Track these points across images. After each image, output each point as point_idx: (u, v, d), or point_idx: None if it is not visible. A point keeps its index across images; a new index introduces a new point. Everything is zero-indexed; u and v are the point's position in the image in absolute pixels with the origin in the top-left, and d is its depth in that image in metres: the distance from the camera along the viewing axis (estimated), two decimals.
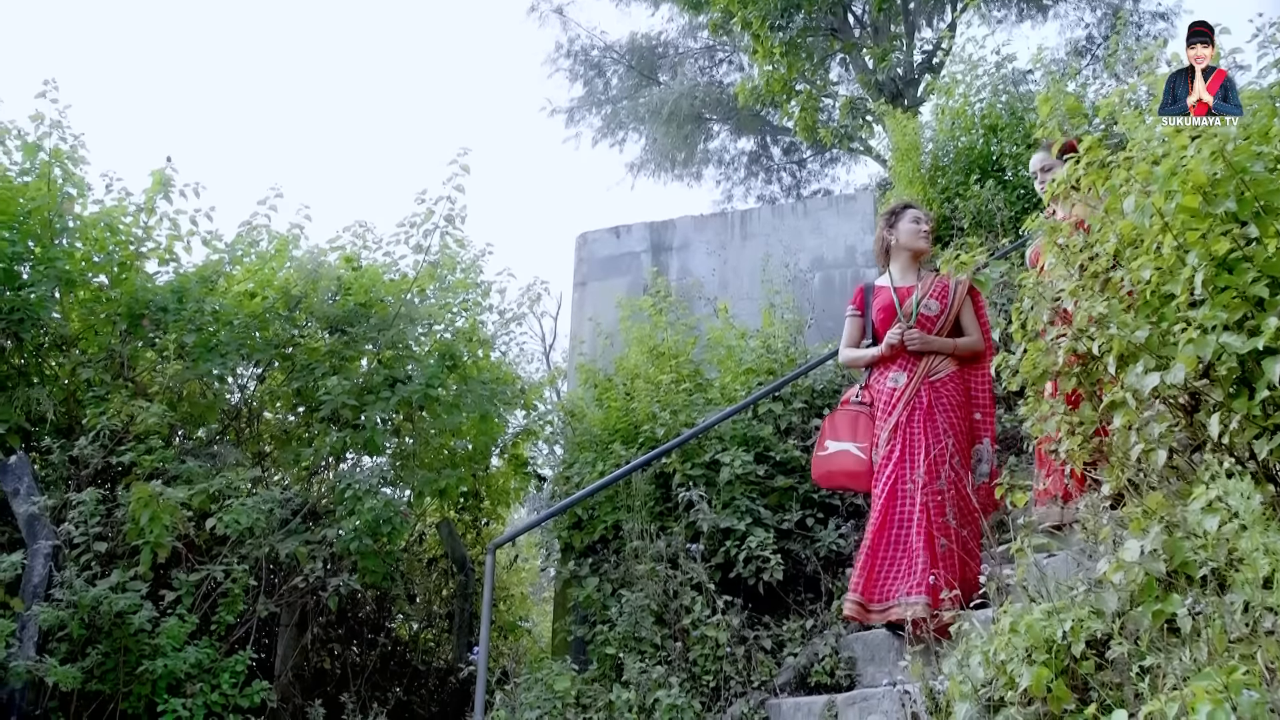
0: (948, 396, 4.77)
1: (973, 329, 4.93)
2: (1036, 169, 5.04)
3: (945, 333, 4.87)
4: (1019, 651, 2.77)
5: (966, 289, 4.93)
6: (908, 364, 4.86)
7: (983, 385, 4.88)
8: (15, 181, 6.16)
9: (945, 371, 4.82)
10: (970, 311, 4.95)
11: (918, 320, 4.87)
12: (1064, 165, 4.73)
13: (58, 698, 4.97)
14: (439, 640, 7.12)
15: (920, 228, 5.06)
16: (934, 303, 4.91)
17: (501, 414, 7.15)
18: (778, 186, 20.83)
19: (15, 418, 5.76)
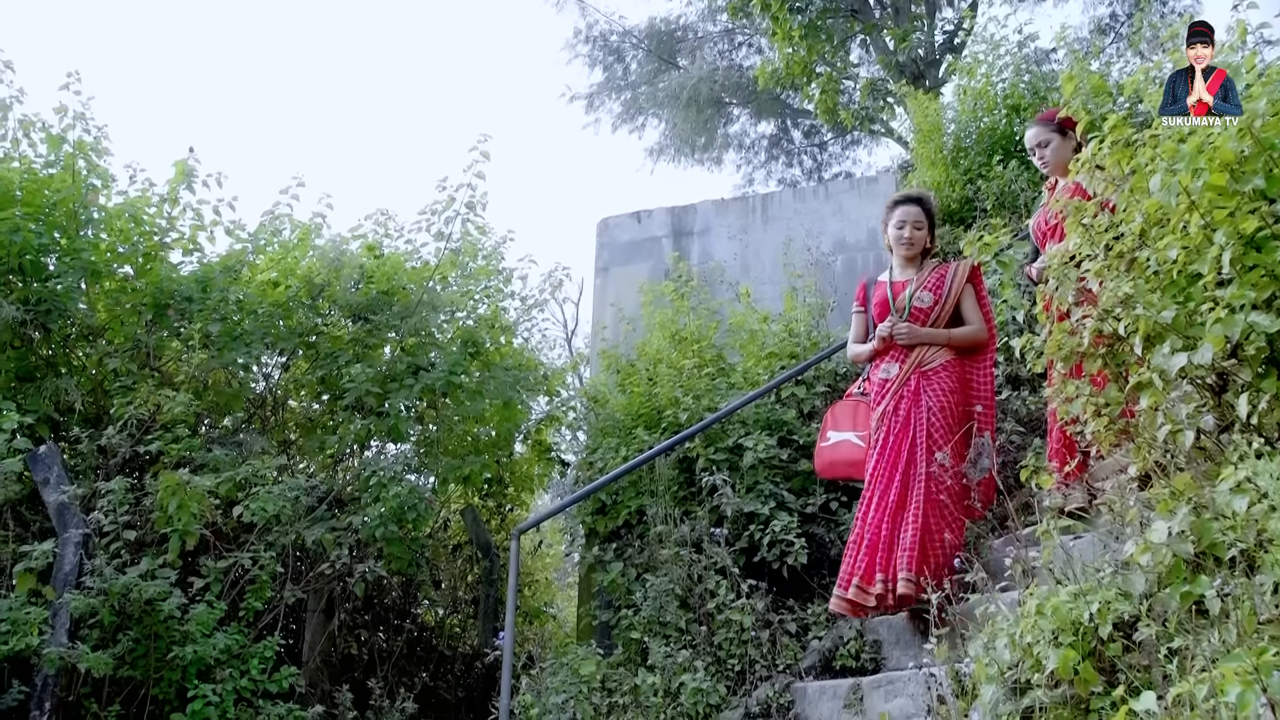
0: (938, 383, 4.75)
1: (974, 318, 4.89)
2: (1033, 144, 4.97)
3: (942, 323, 4.85)
4: (1045, 634, 2.76)
5: (965, 278, 4.90)
6: (900, 355, 4.87)
7: (983, 377, 4.87)
8: (41, 173, 6.20)
9: (939, 361, 4.80)
10: (972, 300, 4.92)
11: (911, 313, 4.87)
12: (1060, 138, 4.74)
13: (90, 684, 5.02)
14: (464, 626, 7.15)
15: (902, 233, 5.00)
16: (927, 295, 4.89)
17: (524, 400, 7.17)
18: (799, 170, 20.74)
19: (44, 408, 5.81)
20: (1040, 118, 4.95)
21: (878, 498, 4.69)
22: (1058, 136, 4.80)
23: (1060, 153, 4.80)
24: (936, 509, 4.52)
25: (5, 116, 6.20)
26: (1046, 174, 4.95)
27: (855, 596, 4.56)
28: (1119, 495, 3.30)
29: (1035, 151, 4.91)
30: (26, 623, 4.76)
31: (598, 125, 20.31)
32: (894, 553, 4.50)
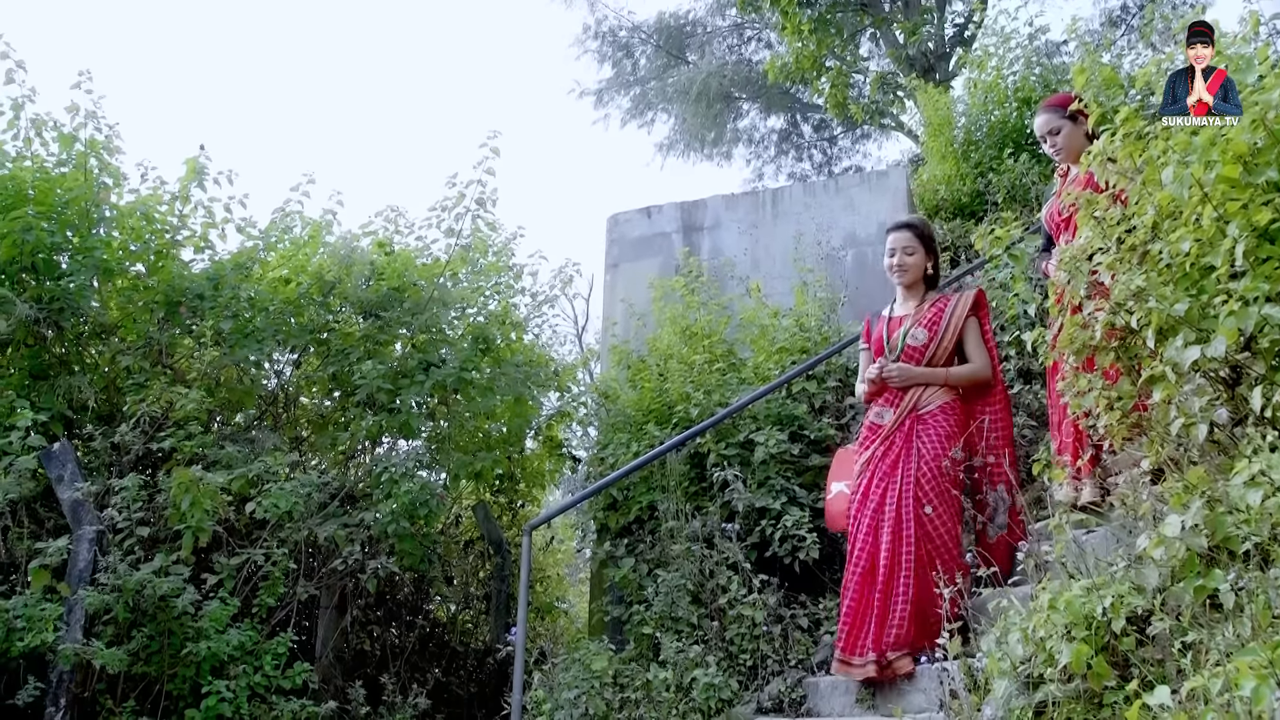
0: (934, 428, 4.43)
1: (976, 356, 4.58)
2: (1043, 131, 4.83)
3: (941, 362, 4.56)
4: (1058, 628, 2.75)
5: (965, 313, 4.61)
6: (895, 398, 4.59)
7: (996, 422, 4.54)
8: (53, 172, 6.22)
9: (936, 404, 4.50)
10: (976, 336, 4.61)
11: (904, 352, 4.59)
12: (1071, 124, 4.64)
13: (105, 680, 5.05)
14: (476, 621, 7.17)
15: (892, 261, 4.75)
16: (921, 332, 4.59)
17: (535, 396, 7.17)
18: (809, 164, 20.72)
19: (58, 405, 5.84)
20: (1048, 103, 4.84)
21: (859, 553, 4.38)
22: (1068, 123, 4.69)
23: (1072, 139, 4.70)
24: (928, 572, 4.16)
25: (18, 116, 6.22)
26: (1058, 161, 4.84)
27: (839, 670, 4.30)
28: (1132, 489, 3.29)
29: (1046, 139, 4.80)
30: (42, 619, 4.79)
31: (607, 121, 20.35)
32: (885, 626, 4.17)
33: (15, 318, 5.69)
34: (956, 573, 4.01)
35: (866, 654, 4.16)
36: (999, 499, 4.40)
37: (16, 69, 6.16)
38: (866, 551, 4.35)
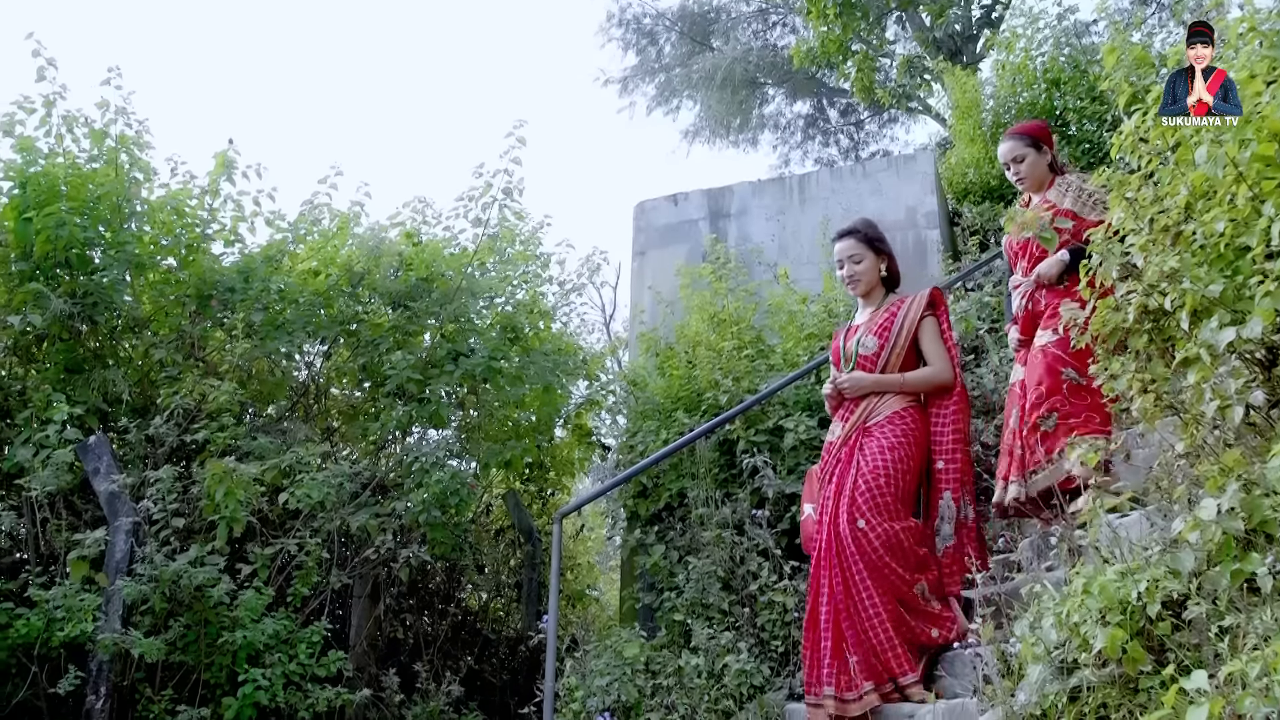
0: (878, 439, 4.20)
1: (935, 357, 4.35)
2: (1006, 159, 4.75)
3: (895, 368, 4.35)
4: (1092, 613, 2.73)
5: (920, 313, 4.38)
6: (847, 412, 4.38)
7: (946, 424, 4.31)
8: (84, 168, 6.28)
9: (886, 412, 4.27)
10: (933, 335, 4.39)
11: (856, 361, 4.42)
12: (1035, 153, 4.63)
13: (144, 669, 5.11)
14: (508, 610, 7.21)
15: (841, 272, 4.57)
16: (872, 340, 4.39)
17: (564, 385, 7.19)
18: (835, 149, 20.62)
19: (93, 399, 5.90)
20: (1013, 131, 4.80)
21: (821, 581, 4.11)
22: (1033, 151, 4.68)
23: (1035, 168, 4.69)
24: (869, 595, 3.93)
25: (49, 113, 6.28)
26: (1021, 190, 4.82)
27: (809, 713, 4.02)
28: (1166, 473, 3.27)
29: (1010, 166, 4.76)
30: (81, 609, 4.86)
31: (632, 109, 20.32)
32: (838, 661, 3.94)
33: (50, 312, 5.76)
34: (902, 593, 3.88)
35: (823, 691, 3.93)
36: (945, 508, 4.16)
37: (48, 66, 6.21)
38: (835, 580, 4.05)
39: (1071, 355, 4.23)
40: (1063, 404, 4.19)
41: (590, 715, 4.81)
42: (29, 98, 6.24)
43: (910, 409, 4.28)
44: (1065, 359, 4.24)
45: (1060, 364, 4.25)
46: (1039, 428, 4.23)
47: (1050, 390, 4.23)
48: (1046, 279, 4.47)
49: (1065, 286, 4.42)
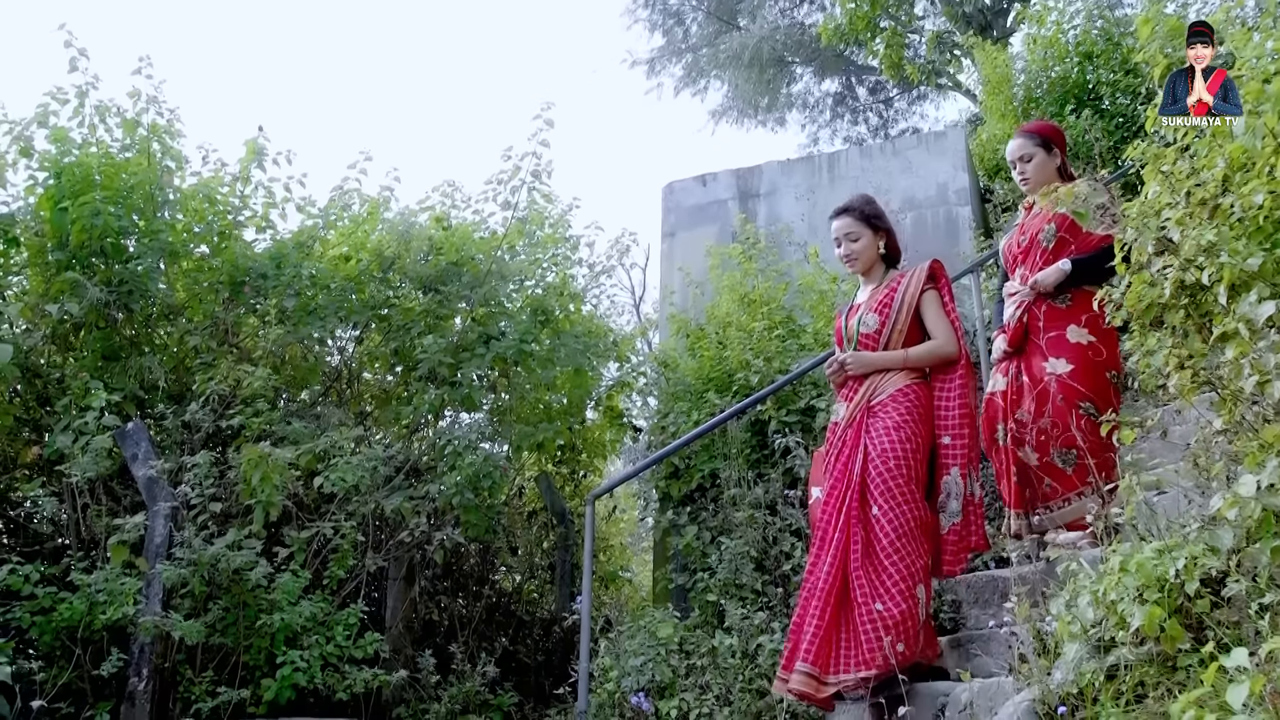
0: (884, 419, 4.03)
1: (939, 330, 4.17)
2: (1013, 157, 4.58)
3: (897, 345, 4.17)
4: (1130, 591, 2.71)
5: (920, 286, 4.20)
6: (851, 391, 4.21)
7: (951, 399, 4.13)
8: (117, 157, 6.34)
9: (890, 390, 4.09)
10: (936, 308, 4.20)
11: (859, 342, 4.26)
12: (1044, 153, 4.48)
13: (184, 651, 5.18)
14: (541, 591, 7.25)
15: (839, 251, 4.40)
16: (872, 317, 4.22)
17: (595, 367, 7.20)
18: (864, 127, 20.44)
19: (130, 386, 5.97)
20: (1023, 129, 4.62)
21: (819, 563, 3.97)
22: (1042, 151, 4.50)
23: (1042, 170, 4.50)
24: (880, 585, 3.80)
25: (82, 103, 6.33)
26: (1025, 191, 4.64)
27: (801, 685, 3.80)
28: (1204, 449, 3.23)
29: (1016, 165, 4.58)
30: (122, 593, 4.92)
31: (660, 90, 20.22)
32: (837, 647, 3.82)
33: (87, 301, 5.82)
34: (916, 582, 3.75)
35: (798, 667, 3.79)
36: (951, 484, 4.01)
37: (79, 57, 6.26)
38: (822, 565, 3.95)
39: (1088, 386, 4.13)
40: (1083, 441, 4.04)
41: (624, 695, 4.83)
42: (62, 89, 6.30)
43: (914, 385, 4.12)
44: (1082, 391, 4.12)
45: (1076, 397, 4.11)
46: (1056, 464, 4.12)
47: (1065, 426, 4.09)
48: (1044, 288, 4.30)
49: (1067, 307, 4.28)
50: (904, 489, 3.90)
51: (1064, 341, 4.23)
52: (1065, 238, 4.35)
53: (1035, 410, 4.24)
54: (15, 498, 5.97)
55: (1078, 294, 4.25)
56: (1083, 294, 4.23)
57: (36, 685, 4.44)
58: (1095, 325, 4.21)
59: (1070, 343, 4.22)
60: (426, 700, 5.61)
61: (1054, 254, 4.36)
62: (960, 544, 3.99)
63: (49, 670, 4.78)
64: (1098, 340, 4.20)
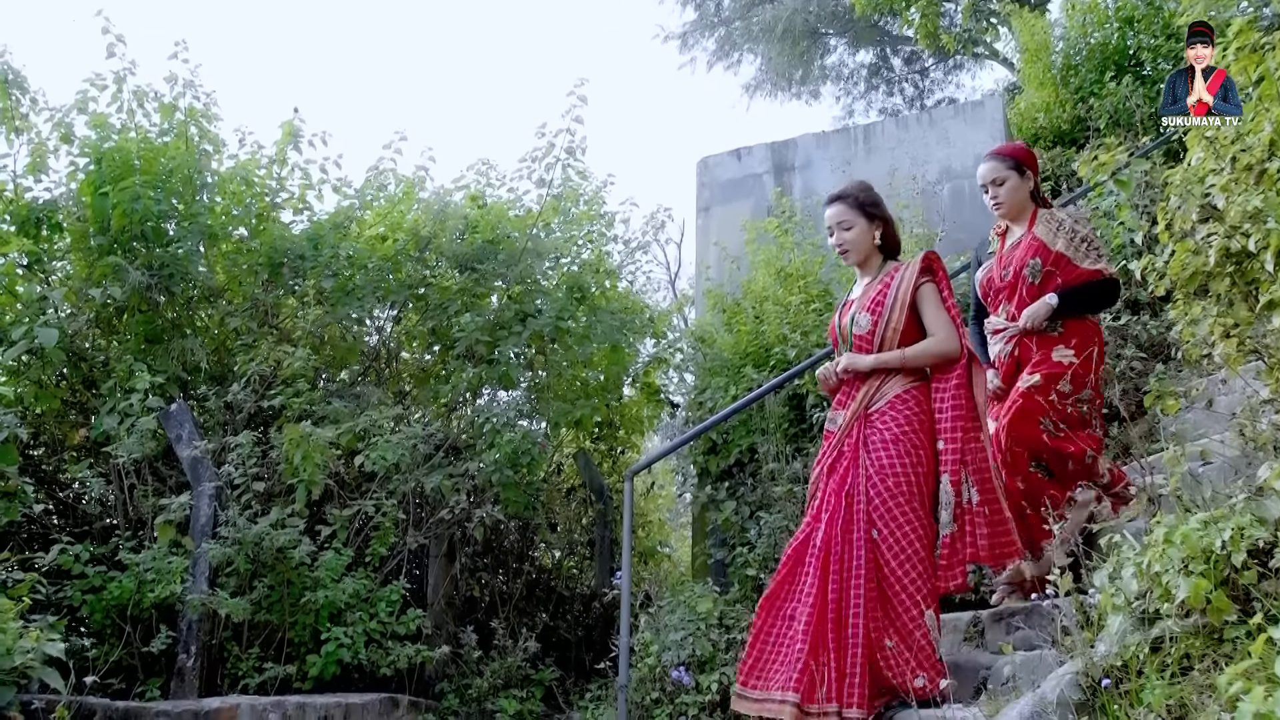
0: (881, 430, 3.81)
1: (938, 326, 3.88)
2: (985, 180, 4.46)
3: (894, 344, 3.91)
4: (1174, 562, 2.68)
5: (914, 282, 3.92)
6: (847, 396, 3.99)
7: (945, 400, 3.86)
8: (156, 142, 6.39)
9: (888, 396, 3.86)
10: (934, 304, 3.92)
11: (853, 342, 4.01)
12: (1016, 177, 4.38)
13: (231, 628, 5.26)
14: (581, 567, 7.28)
15: (831, 240, 4.14)
16: (865, 317, 3.97)
17: (631, 343, 7.21)
18: (900, 99, 20.24)
19: (172, 368, 6.04)
20: (994, 152, 4.52)
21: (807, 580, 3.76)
22: (1014, 175, 4.40)
23: (1015, 194, 4.40)
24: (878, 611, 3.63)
25: (120, 89, 6.38)
26: (997, 216, 4.53)
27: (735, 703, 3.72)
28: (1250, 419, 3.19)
29: (987, 189, 4.46)
30: (170, 571, 5.00)
31: (693, 64, 20.12)
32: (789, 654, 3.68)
33: (129, 285, 5.89)
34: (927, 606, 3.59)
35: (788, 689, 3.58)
36: (941, 493, 3.75)
37: (117, 43, 6.32)
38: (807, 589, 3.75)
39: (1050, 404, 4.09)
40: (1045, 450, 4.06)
41: (665, 669, 4.85)
42: (100, 75, 6.35)
43: (914, 389, 3.88)
44: (1043, 406, 4.08)
45: (1039, 411, 4.09)
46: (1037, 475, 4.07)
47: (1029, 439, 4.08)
48: (1034, 326, 4.23)
49: (1059, 334, 4.23)
50: (905, 509, 3.70)
51: (1046, 359, 4.21)
52: (1052, 271, 4.28)
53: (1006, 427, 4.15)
54: (64, 479, 6.07)
55: (1070, 321, 4.23)
56: (1075, 321, 4.23)
57: (89, 661, 4.53)
58: (1081, 350, 4.19)
59: (1052, 360, 4.20)
60: (469, 675, 5.67)
61: (1040, 288, 4.29)
62: (954, 556, 3.71)
63: (100, 647, 4.87)
64: (1078, 364, 4.16)
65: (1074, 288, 4.22)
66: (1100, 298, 4.30)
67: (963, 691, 3.61)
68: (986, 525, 3.72)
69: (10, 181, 6.25)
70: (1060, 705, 2.73)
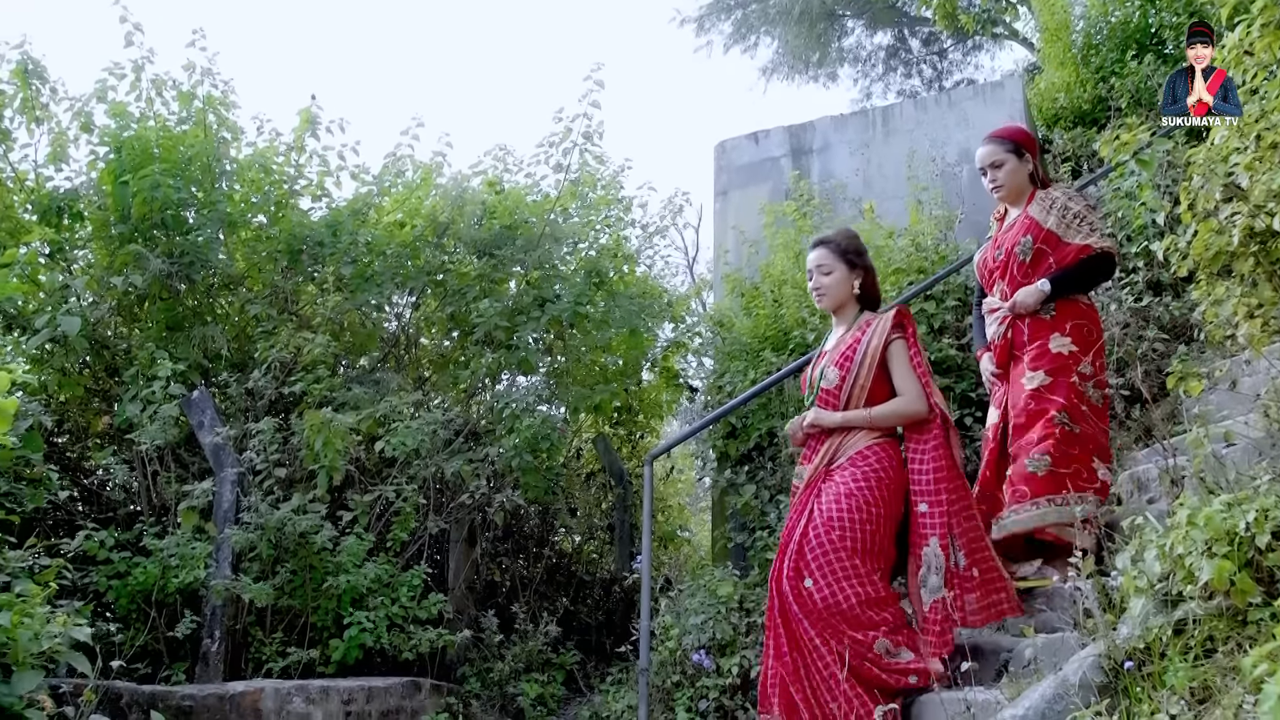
0: (840, 483, 3.74)
1: (906, 386, 3.82)
2: (984, 164, 4.44)
3: (861, 402, 3.85)
4: (1198, 545, 2.67)
5: (884, 338, 3.86)
6: (811, 452, 3.95)
7: (925, 461, 3.77)
8: (174, 130, 6.42)
9: (850, 452, 3.80)
10: (903, 363, 3.85)
11: (819, 395, 3.96)
12: (1015, 160, 4.34)
13: (254, 613, 5.30)
14: (601, 552, 7.31)
15: (809, 283, 4.11)
16: (833, 371, 3.91)
17: (650, 328, 7.21)
18: (918, 80, 20.09)
19: (194, 355, 6.08)
20: (993, 134, 4.49)
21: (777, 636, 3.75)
22: (1013, 158, 4.37)
23: (1014, 176, 4.38)
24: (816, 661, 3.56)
25: (139, 78, 6.41)
26: (997, 199, 4.52)
27: None
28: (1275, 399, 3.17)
29: (986, 172, 4.45)
30: (193, 557, 5.05)
31: (709, 48, 19.98)
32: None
33: (150, 273, 5.92)
34: (840, 665, 3.47)
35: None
36: (930, 556, 3.65)
37: (135, 31, 6.34)
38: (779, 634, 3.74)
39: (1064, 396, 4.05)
40: (1055, 450, 3.99)
41: (685, 653, 4.87)
42: (119, 64, 6.38)
43: (878, 445, 3.80)
44: (1058, 402, 4.05)
45: (1053, 407, 4.05)
46: (1026, 469, 4.02)
47: (1042, 438, 4.03)
48: (1025, 310, 4.21)
49: (1051, 318, 4.19)
50: (843, 562, 3.62)
51: (1045, 353, 4.16)
52: (1043, 249, 4.24)
53: (1013, 430, 4.18)
54: (88, 466, 6.13)
55: (1062, 303, 4.18)
56: (1067, 302, 4.18)
57: (115, 646, 4.57)
58: (1079, 334, 4.15)
59: (1051, 353, 4.14)
60: (490, 659, 5.70)
61: (1032, 266, 4.26)
62: (946, 622, 3.60)
63: (126, 632, 4.92)
64: (1079, 350, 4.12)
65: (1065, 270, 4.18)
66: (1092, 273, 4.24)
67: (984, 674, 3.60)
68: (977, 589, 3.67)
69: (32, 171, 6.30)
70: (1082, 687, 2.72)
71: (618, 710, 5.22)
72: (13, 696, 2.89)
